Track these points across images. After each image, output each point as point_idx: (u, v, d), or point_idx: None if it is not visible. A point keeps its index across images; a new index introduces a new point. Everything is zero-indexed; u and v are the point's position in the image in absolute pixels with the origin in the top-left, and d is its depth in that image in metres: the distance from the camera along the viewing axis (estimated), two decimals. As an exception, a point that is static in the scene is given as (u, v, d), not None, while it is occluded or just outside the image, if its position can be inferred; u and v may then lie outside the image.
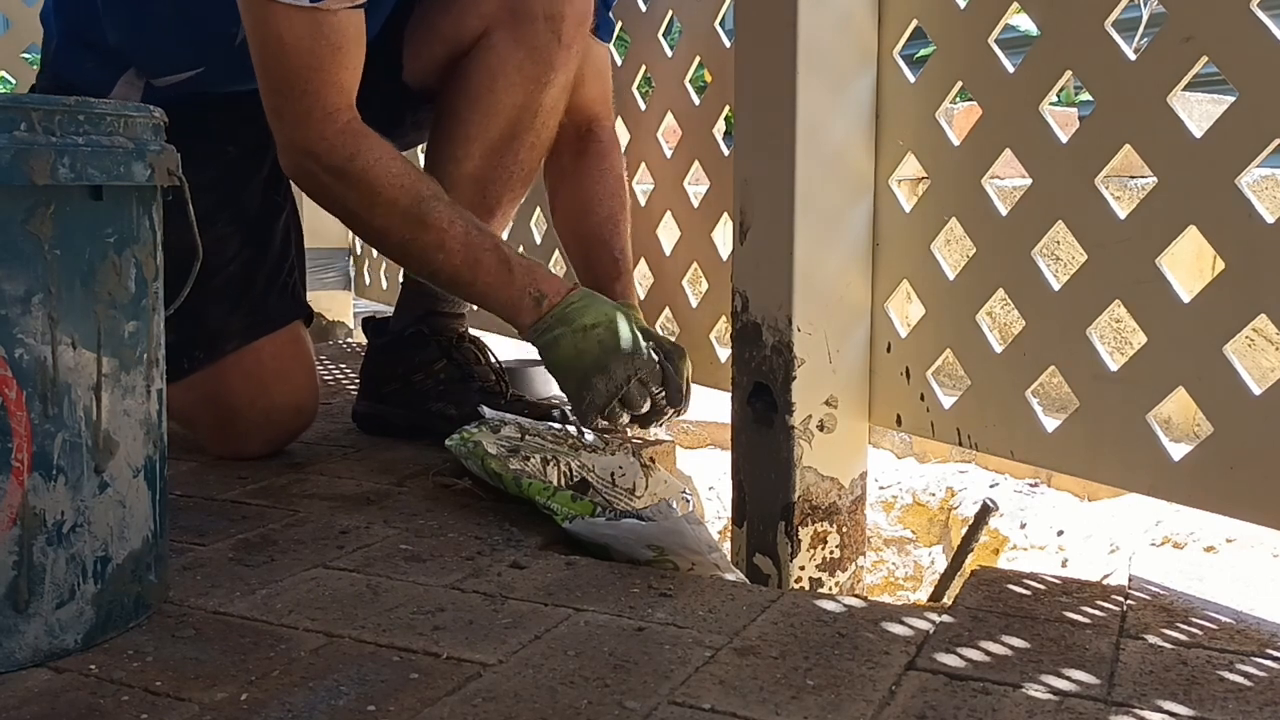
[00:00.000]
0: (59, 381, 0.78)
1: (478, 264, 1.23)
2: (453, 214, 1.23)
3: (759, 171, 1.17)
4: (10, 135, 0.73)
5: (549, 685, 0.75)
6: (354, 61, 1.20)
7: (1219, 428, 0.89)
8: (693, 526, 1.01)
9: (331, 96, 1.18)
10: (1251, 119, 0.86)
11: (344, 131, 1.19)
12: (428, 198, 1.22)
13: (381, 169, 1.20)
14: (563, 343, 1.24)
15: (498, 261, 1.24)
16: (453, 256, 1.23)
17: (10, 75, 2.77)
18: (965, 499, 1.88)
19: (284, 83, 1.18)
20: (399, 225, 1.22)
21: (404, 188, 1.21)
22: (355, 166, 1.19)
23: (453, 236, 1.22)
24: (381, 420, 1.55)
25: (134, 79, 1.39)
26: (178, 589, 0.94)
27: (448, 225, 1.22)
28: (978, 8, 1.07)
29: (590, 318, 1.24)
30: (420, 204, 1.21)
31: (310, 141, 1.19)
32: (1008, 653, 0.80)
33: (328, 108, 1.18)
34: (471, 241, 1.23)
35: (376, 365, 1.55)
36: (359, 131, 1.21)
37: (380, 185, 1.20)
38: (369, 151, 1.20)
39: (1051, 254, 1.92)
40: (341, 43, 1.17)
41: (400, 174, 1.21)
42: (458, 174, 1.41)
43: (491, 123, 1.39)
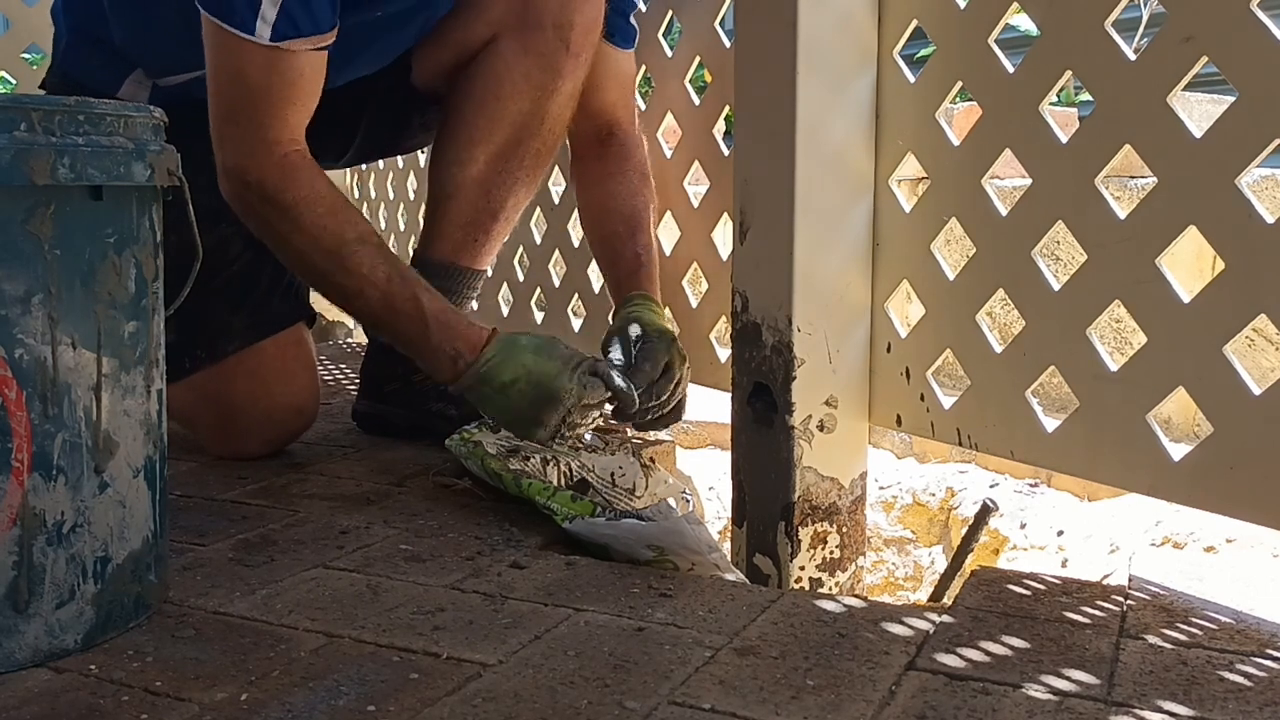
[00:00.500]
0: (59, 381, 0.78)
1: (396, 315, 1.22)
2: (376, 260, 1.20)
3: (759, 171, 1.17)
4: (10, 135, 0.73)
5: (549, 685, 0.75)
6: (307, 100, 1.20)
7: (1219, 428, 0.89)
8: (693, 526, 1.01)
9: (276, 130, 1.18)
10: (1251, 119, 0.86)
11: (280, 164, 1.19)
12: (350, 241, 1.20)
13: (309, 206, 1.19)
14: (488, 403, 1.22)
15: (415, 317, 1.21)
16: (371, 304, 1.22)
17: (10, 75, 2.77)
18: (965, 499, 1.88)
19: (233, 111, 1.18)
20: (320, 263, 1.21)
21: (326, 228, 1.19)
22: (284, 199, 1.19)
23: (372, 284, 1.20)
24: (382, 420, 1.55)
25: (141, 78, 1.39)
26: (178, 589, 0.94)
27: (368, 272, 1.20)
28: (978, 8, 1.07)
29: (508, 374, 1.19)
30: (342, 246, 1.19)
31: (247, 170, 1.19)
32: (1008, 653, 0.80)
33: (269, 140, 1.18)
34: (392, 292, 1.20)
35: (377, 365, 1.55)
36: (297, 166, 1.20)
37: (306, 222, 1.19)
38: (301, 187, 1.19)
39: (1051, 254, 1.92)
40: (296, 80, 1.17)
41: (328, 214, 1.20)
42: (462, 177, 1.42)
43: (497, 128, 1.39)
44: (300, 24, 1.14)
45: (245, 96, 1.17)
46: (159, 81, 1.39)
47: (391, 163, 2.60)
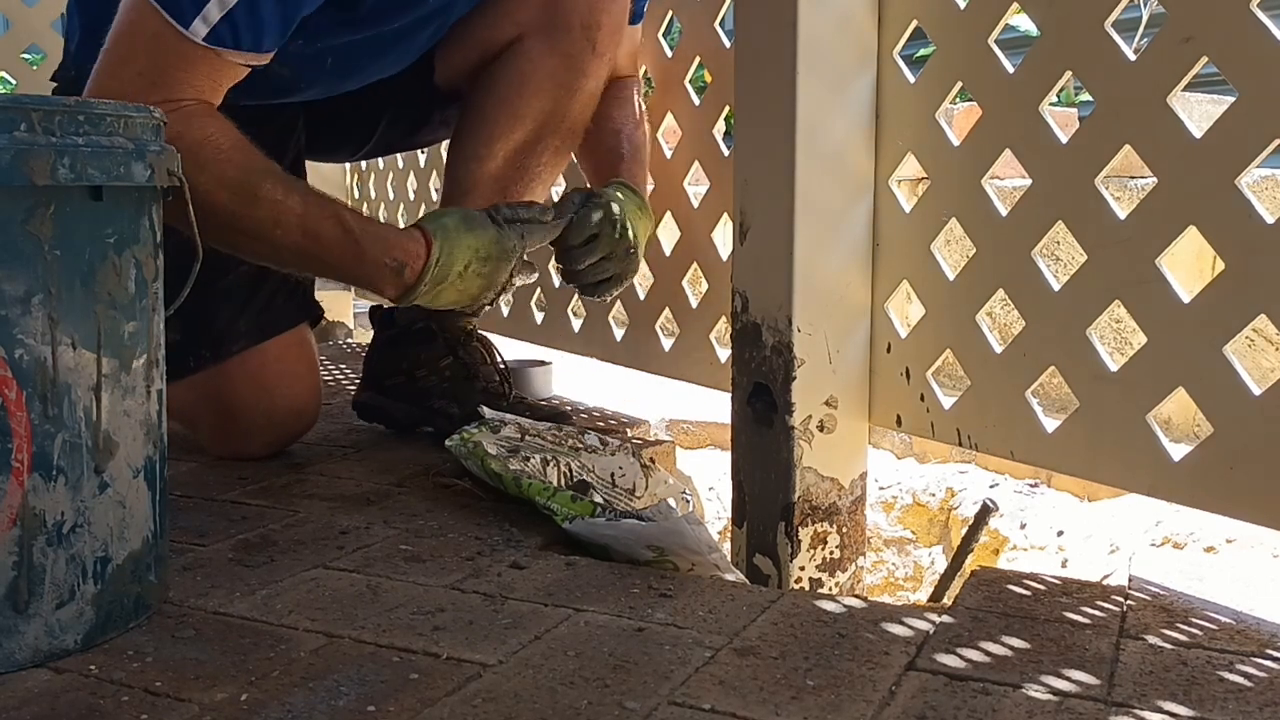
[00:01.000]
0: (59, 382, 0.78)
1: (320, 240, 1.15)
2: (288, 188, 1.14)
3: (759, 171, 1.17)
4: (10, 135, 0.73)
5: (549, 686, 0.75)
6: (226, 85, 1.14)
7: (1219, 428, 0.89)
8: (693, 527, 1.01)
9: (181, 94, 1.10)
10: (1251, 119, 0.86)
11: (179, 112, 1.09)
12: (258, 171, 1.13)
13: (211, 144, 1.11)
14: (443, 295, 1.22)
15: (342, 236, 1.15)
16: (290, 232, 1.13)
17: (10, 75, 2.77)
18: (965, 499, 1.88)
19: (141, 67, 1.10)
20: (227, 201, 1.11)
21: (233, 162, 1.11)
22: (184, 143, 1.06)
23: (288, 209, 1.13)
24: (382, 412, 1.55)
25: None
26: (178, 589, 0.94)
27: (283, 197, 1.13)
28: (978, 8, 1.07)
29: (460, 262, 1.19)
30: (249, 176, 1.12)
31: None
32: (1008, 653, 0.80)
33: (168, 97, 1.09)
34: (310, 212, 1.14)
35: (382, 357, 1.55)
36: (198, 113, 1.11)
37: (205, 160, 1.09)
38: (199, 129, 1.10)
39: (1051, 254, 1.92)
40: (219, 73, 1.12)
41: (231, 149, 1.12)
42: (479, 172, 1.41)
43: (517, 125, 1.39)
44: (240, 37, 1.08)
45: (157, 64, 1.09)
46: None
47: (391, 162, 2.60)
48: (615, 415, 1.76)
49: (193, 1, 1.06)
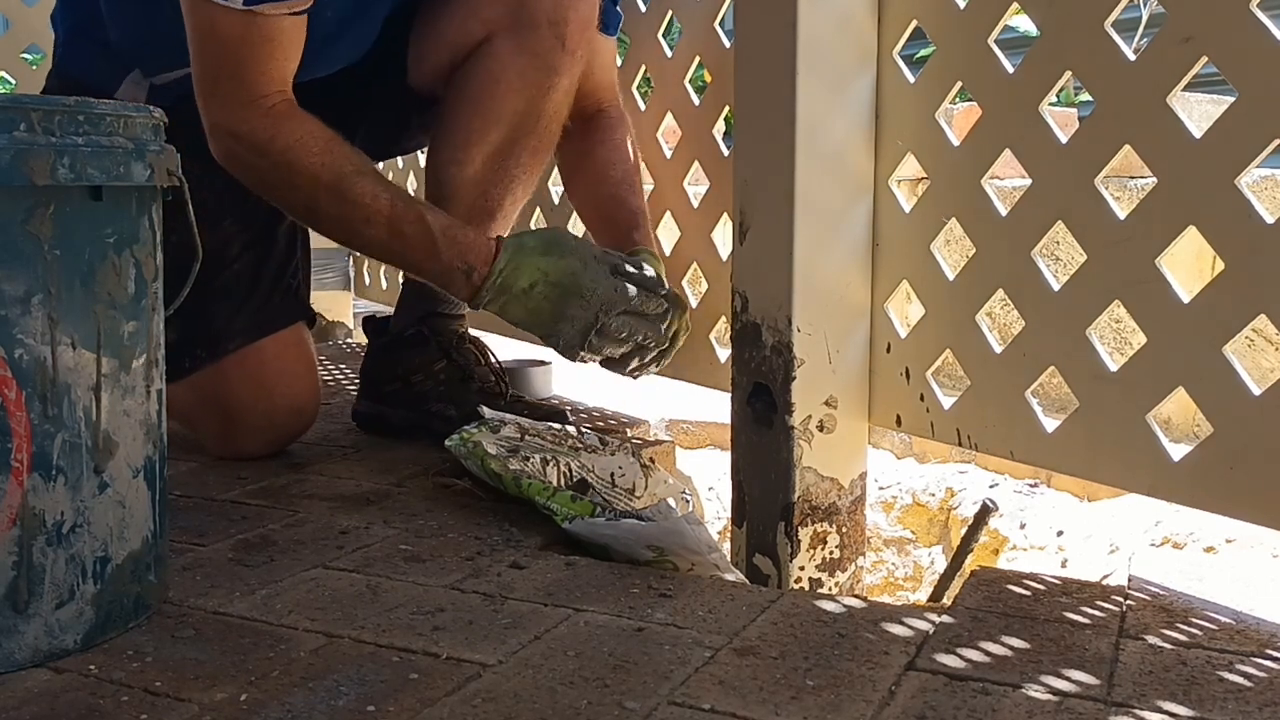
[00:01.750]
0: (59, 382, 0.78)
1: (404, 238, 1.23)
2: (377, 188, 1.23)
3: (759, 171, 1.17)
4: (10, 135, 0.73)
5: (549, 685, 0.75)
6: (287, 54, 1.21)
7: (1219, 428, 0.89)
8: (692, 527, 1.01)
9: (260, 84, 1.19)
10: (1251, 119, 0.86)
11: (268, 114, 1.20)
12: (350, 173, 1.22)
13: (301, 148, 1.21)
14: (510, 307, 1.25)
15: (422, 233, 1.23)
16: (379, 230, 1.23)
17: (10, 75, 2.77)
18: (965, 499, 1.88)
19: (215, 72, 1.20)
20: (323, 201, 1.22)
21: (324, 164, 1.21)
22: (277, 145, 1.20)
23: (377, 211, 1.22)
24: (381, 420, 1.55)
25: (139, 78, 1.39)
26: (177, 589, 0.94)
27: (371, 200, 1.22)
28: (978, 8, 1.07)
29: (525, 279, 1.23)
30: (342, 179, 1.21)
31: (235, 123, 1.21)
32: (1007, 653, 0.80)
33: (254, 94, 1.19)
34: (397, 215, 1.22)
35: (377, 365, 1.55)
36: (284, 114, 1.21)
37: (300, 163, 1.21)
38: (290, 132, 1.21)
39: (1051, 254, 1.92)
40: (272, 40, 1.18)
41: (322, 151, 1.21)
42: (459, 177, 1.41)
43: (492, 127, 1.39)
44: None
45: (224, 58, 1.18)
46: (155, 80, 1.39)
47: (391, 163, 2.60)
48: (615, 415, 1.76)
49: None
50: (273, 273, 1.41)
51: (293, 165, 1.21)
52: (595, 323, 1.24)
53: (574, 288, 1.23)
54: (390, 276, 2.62)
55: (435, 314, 1.51)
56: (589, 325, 1.24)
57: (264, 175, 1.24)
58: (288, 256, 1.45)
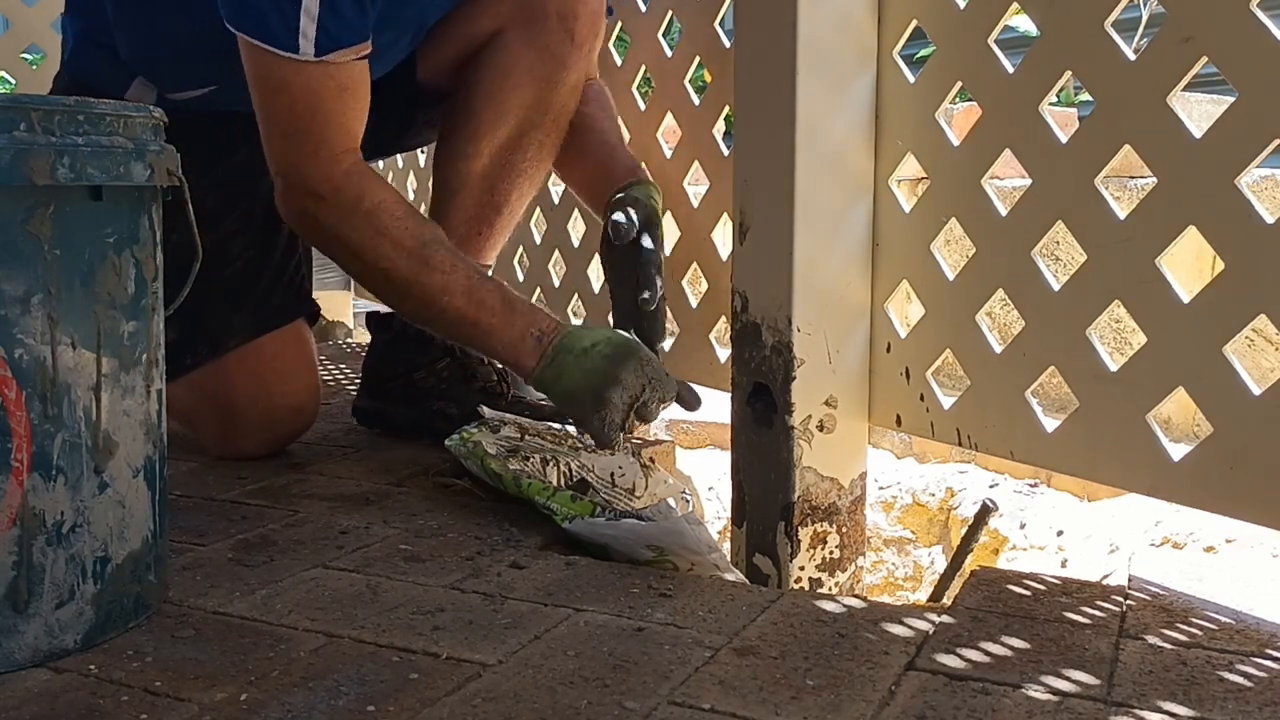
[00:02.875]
0: (59, 382, 0.78)
1: (481, 305, 1.21)
2: (455, 258, 1.22)
3: (759, 171, 1.17)
4: (10, 135, 0.73)
5: (549, 685, 0.75)
6: (360, 105, 1.20)
7: (1219, 428, 0.89)
8: (692, 527, 1.01)
9: (339, 140, 1.18)
10: (1251, 119, 0.86)
11: (350, 174, 1.19)
12: (430, 241, 1.21)
13: (387, 211, 1.19)
14: (566, 371, 1.20)
15: (501, 302, 1.21)
16: (456, 298, 1.21)
17: (10, 75, 2.77)
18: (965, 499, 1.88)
19: (290, 126, 1.18)
20: (404, 267, 1.20)
21: (409, 230, 1.20)
22: (363, 207, 1.19)
23: (456, 279, 1.20)
24: (382, 416, 1.55)
25: (147, 82, 1.39)
26: (177, 589, 0.94)
27: (450, 269, 1.20)
28: (978, 8, 1.07)
29: (589, 340, 1.20)
30: (424, 247, 1.20)
31: (317, 183, 1.19)
32: (1007, 653, 0.80)
33: (334, 150, 1.18)
34: (474, 284, 1.21)
35: (380, 361, 1.55)
36: (365, 173, 1.21)
37: (386, 227, 1.19)
38: (374, 193, 1.20)
39: (1051, 254, 1.92)
40: (347, 90, 1.17)
41: (405, 216, 1.21)
42: (467, 171, 1.41)
43: (502, 121, 1.39)
44: (339, 36, 1.13)
45: (302, 114, 1.16)
46: (170, 96, 1.38)
47: (391, 163, 2.60)
48: (615, 415, 1.75)
49: (287, 30, 1.11)
50: (274, 270, 1.41)
51: (378, 229, 1.19)
52: (642, 396, 1.19)
53: (635, 352, 1.19)
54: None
55: None
56: (636, 397, 1.19)
57: (345, 237, 1.21)
58: (289, 252, 1.45)
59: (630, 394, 1.18)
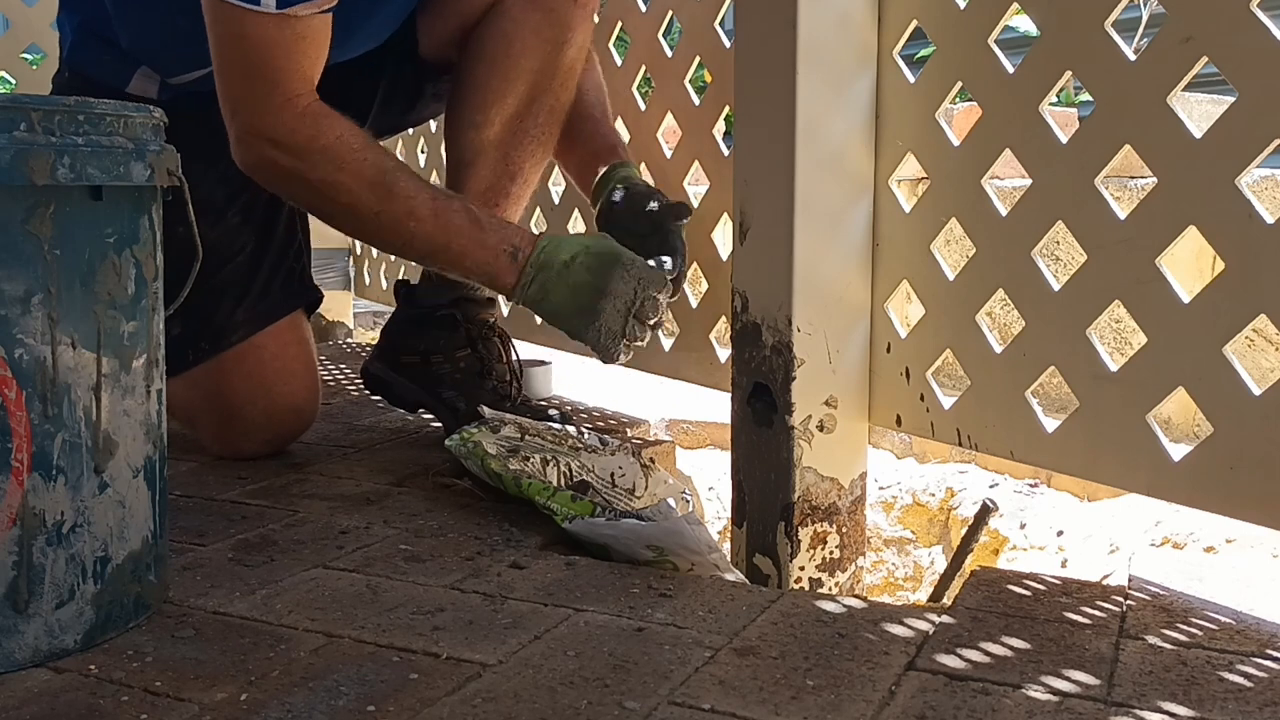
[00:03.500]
0: (59, 381, 0.78)
1: (449, 226, 1.21)
2: (417, 182, 1.22)
3: (759, 171, 1.17)
4: (10, 135, 0.73)
5: (549, 685, 0.75)
6: (319, 51, 1.20)
7: (1219, 428, 0.89)
8: (692, 527, 1.01)
9: (294, 84, 1.18)
10: (1251, 119, 0.86)
11: (305, 114, 1.19)
12: (391, 169, 1.21)
13: (343, 145, 1.19)
14: (551, 288, 1.21)
15: (469, 221, 1.22)
16: (424, 223, 1.21)
17: (10, 75, 2.77)
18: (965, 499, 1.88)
19: (246, 77, 1.17)
20: (367, 198, 1.20)
21: (367, 160, 1.20)
22: (317, 144, 1.19)
23: (420, 203, 1.20)
24: (390, 387, 1.54)
25: (150, 72, 1.39)
26: (177, 589, 0.94)
27: (414, 193, 1.21)
28: (978, 8, 1.07)
29: (566, 252, 1.21)
30: (384, 175, 1.20)
31: (270, 127, 1.18)
32: (1008, 653, 0.80)
33: (288, 94, 1.18)
34: (440, 206, 1.21)
35: (401, 334, 1.53)
36: (320, 113, 1.20)
37: (344, 160, 1.19)
38: (330, 130, 1.19)
39: (1051, 254, 1.92)
40: (305, 34, 1.17)
41: (362, 148, 1.20)
42: (479, 140, 1.41)
43: (510, 88, 1.38)
44: None
45: (256, 62, 1.16)
46: (168, 80, 1.39)
47: (391, 145, 2.60)
48: (615, 415, 1.76)
49: None
50: (273, 261, 1.41)
51: (336, 163, 1.19)
52: (636, 300, 1.20)
53: (615, 259, 1.20)
54: (390, 276, 2.62)
55: (467, 298, 1.50)
56: (630, 304, 1.20)
57: (304, 177, 1.21)
58: (288, 242, 1.45)
59: (623, 301, 1.19)
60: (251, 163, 1.23)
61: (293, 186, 1.24)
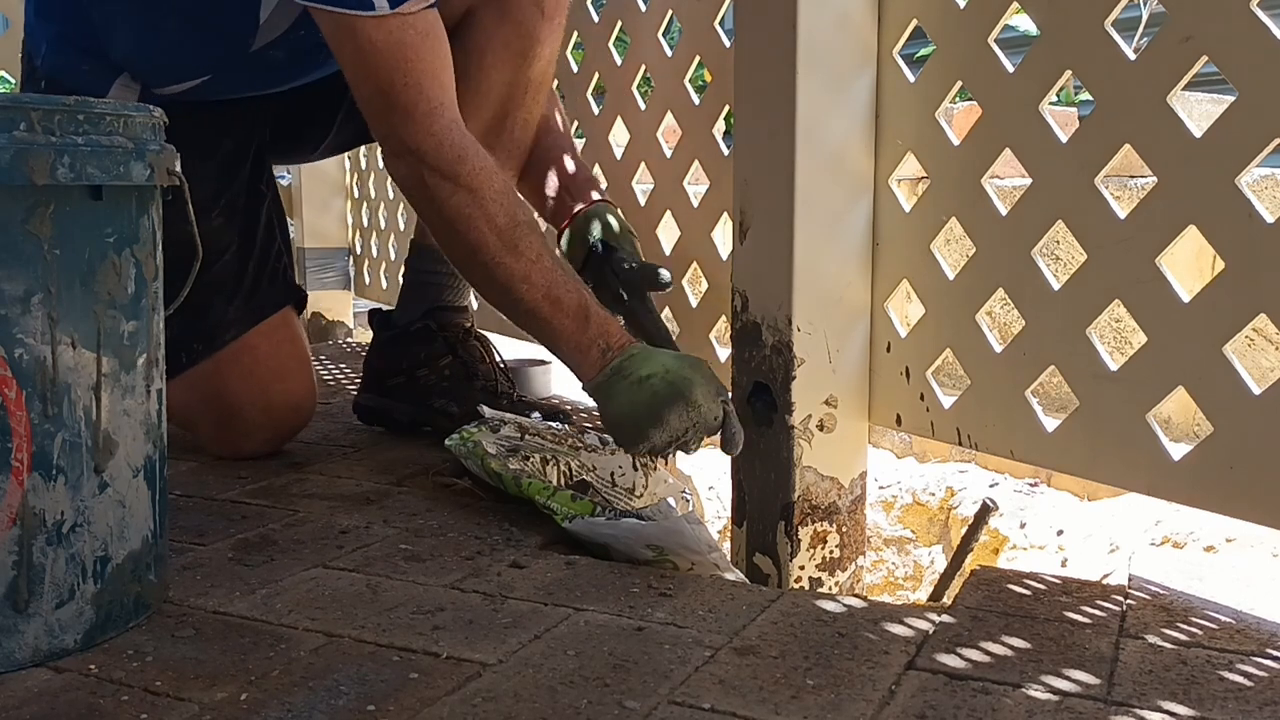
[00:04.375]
0: (59, 381, 0.78)
1: (558, 303, 1.15)
2: (542, 247, 1.17)
3: (759, 171, 1.17)
4: (10, 135, 0.73)
5: (549, 685, 0.75)
6: (446, 51, 1.17)
7: (1219, 427, 0.89)
8: (692, 526, 1.01)
9: (434, 91, 1.14)
10: (1251, 119, 0.86)
11: (450, 128, 1.15)
12: (523, 222, 1.16)
13: (486, 178, 1.15)
14: (617, 395, 1.14)
15: (578, 305, 1.16)
16: (535, 290, 1.15)
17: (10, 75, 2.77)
18: (965, 499, 1.88)
19: (384, 82, 1.14)
20: (492, 245, 1.15)
21: (503, 206, 1.15)
22: (465, 169, 1.15)
23: (540, 270, 1.15)
24: (384, 413, 1.55)
25: (129, 81, 1.39)
26: (177, 589, 0.94)
27: (536, 257, 1.15)
28: (978, 8, 1.07)
29: (647, 368, 1.13)
30: (516, 228, 1.15)
31: (418, 138, 1.14)
32: (1008, 653, 0.80)
33: (431, 101, 1.14)
34: (556, 279, 1.16)
35: (382, 358, 1.55)
36: (466, 132, 1.17)
37: (485, 194, 1.15)
38: (477, 157, 1.16)
39: (1051, 254, 1.92)
40: (428, 30, 1.14)
41: (503, 191, 1.16)
42: None
43: (483, 101, 1.38)
44: None
45: (392, 69, 1.13)
46: (156, 90, 1.38)
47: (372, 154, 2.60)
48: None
49: None
50: (258, 258, 1.42)
51: (478, 194, 1.14)
52: (685, 438, 1.13)
53: (685, 394, 1.11)
54: (390, 275, 2.62)
55: (441, 307, 1.51)
56: (677, 438, 1.13)
57: (444, 200, 1.16)
58: (269, 241, 1.45)
59: (670, 435, 1.12)
60: (403, 180, 1.19)
61: (436, 209, 1.18)
